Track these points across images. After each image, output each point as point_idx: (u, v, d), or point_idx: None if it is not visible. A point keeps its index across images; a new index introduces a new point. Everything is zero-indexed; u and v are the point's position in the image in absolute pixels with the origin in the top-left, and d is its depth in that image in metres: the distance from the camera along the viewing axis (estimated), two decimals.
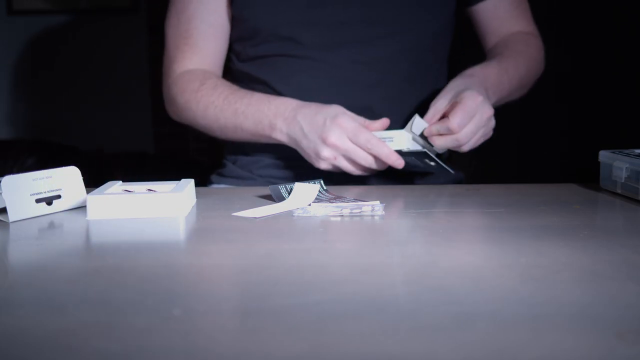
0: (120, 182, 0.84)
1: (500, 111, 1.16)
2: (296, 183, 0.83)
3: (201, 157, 2.63)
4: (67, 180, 0.80)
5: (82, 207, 0.78)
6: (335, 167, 0.96)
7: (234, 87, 1.07)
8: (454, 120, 0.91)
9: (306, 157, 0.98)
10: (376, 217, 0.74)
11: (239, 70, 1.13)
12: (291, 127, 0.97)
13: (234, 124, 1.04)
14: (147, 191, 0.78)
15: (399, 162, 0.93)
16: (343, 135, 0.92)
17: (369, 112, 1.04)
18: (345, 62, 1.05)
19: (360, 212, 0.75)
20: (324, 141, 0.93)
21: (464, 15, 1.17)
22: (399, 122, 1.04)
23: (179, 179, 0.85)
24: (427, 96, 1.10)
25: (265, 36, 1.06)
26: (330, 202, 0.80)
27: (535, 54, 1.13)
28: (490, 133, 0.97)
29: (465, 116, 0.91)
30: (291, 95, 1.05)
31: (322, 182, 0.85)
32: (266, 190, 0.87)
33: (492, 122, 0.96)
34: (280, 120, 0.98)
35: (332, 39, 1.04)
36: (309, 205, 0.79)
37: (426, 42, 1.08)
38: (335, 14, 1.03)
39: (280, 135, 0.99)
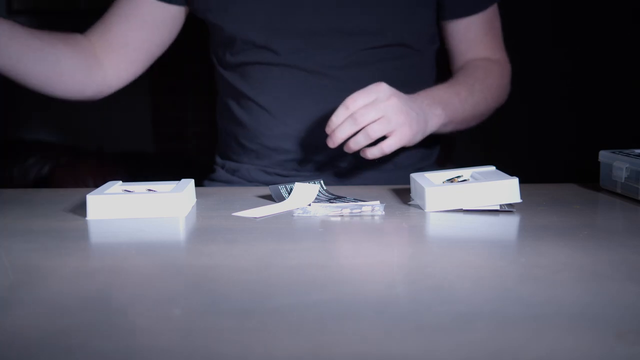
0: (120, 182, 0.84)
1: (502, 111, 1.16)
2: (296, 183, 0.83)
3: (201, 157, 2.63)
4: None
5: (82, 207, 0.78)
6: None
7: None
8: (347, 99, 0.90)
9: None
10: (376, 217, 0.74)
11: (221, 75, 1.12)
12: None
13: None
14: (147, 191, 0.78)
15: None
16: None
17: None
18: (319, 67, 1.04)
19: (360, 212, 0.75)
20: None
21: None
22: None
23: (179, 179, 0.85)
24: None
25: (240, 44, 1.06)
26: (330, 202, 0.80)
27: (496, 81, 1.11)
28: (395, 117, 0.90)
29: (357, 95, 0.89)
30: (268, 102, 1.05)
31: (322, 182, 0.85)
32: (266, 190, 0.87)
33: (392, 101, 0.90)
34: None
35: (305, 45, 1.03)
36: (309, 205, 0.79)
37: (402, 48, 1.06)
38: (307, 22, 1.02)
39: None
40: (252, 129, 1.08)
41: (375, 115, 0.88)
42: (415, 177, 0.83)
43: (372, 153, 0.91)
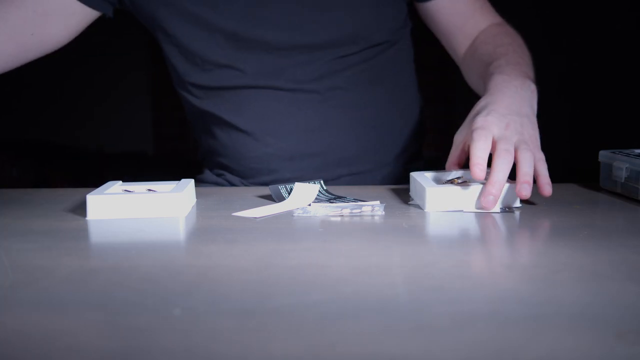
0: (120, 182, 0.84)
1: None
2: (296, 183, 0.83)
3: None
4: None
5: (82, 207, 0.78)
6: None
7: None
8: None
9: None
10: (376, 217, 0.74)
11: (190, 102, 1.07)
12: None
13: None
14: (147, 191, 0.78)
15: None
16: None
17: (329, 126, 1.02)
18: (291, 83, 1.00)
19: (360, 212, 0.75)
20: None
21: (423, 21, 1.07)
22: (363, 128, 1.03)
23: (179, 179, 0.85)
24: (392, 96, 1.07)
25: (202, 64, 1.01)
26: (330, 202, 0.80)
27: (523, 43, 1.00)
28: (530, 136, 0.79)
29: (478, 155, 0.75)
30: (247, 124, 1.01)
31: (322, 182, 0.85)
32: (266, 190, 0.87)
33: (525, 126, 0.79)
34: None
35: (272, 63, 0.99)
36: (309, 205, 0.79)
37: (374, 48, 1.02)
38: (271, 39, 0.98)
39: None
40: (234, 150, 1.05)
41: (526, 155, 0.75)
42: (416, 176, 0.82)
43: (547, 189, 0.77)
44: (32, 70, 2.87)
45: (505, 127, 0.78)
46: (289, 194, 0.82)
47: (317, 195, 0.82)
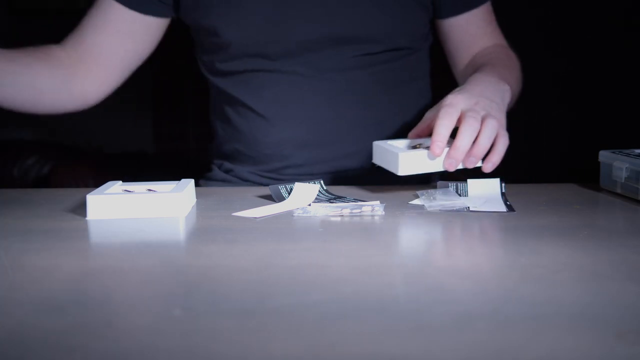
0: (120, 182, 0.84)
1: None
2: (296, 183, 0.83)
3: (201, 157, 2.63)
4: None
5: (82, 207, 0.78)
6: None
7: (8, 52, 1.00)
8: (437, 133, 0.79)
9: None
10: (376, 217, 0.74)
11: (213, 83, 1.11)
12: None
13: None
14: (147, 191, 0.78)
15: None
16: None
17: (342, 119, 1.04)
18: (315, 72, 1.03)
19: (360, 212, 0.75)
20: None
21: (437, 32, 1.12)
22: (374, 127, 1.05)
23: (179, 179, 0.85)
24: (405, 102, 1.09)
25: (232, 52, 1.04)
26: (330, 202, 0.80)
27: (517, 64, 1.08)
28: (497, 109, 0.83)
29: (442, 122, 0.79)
30: (265, 108, 1.04)
31: (322, 182, 0.85)
32: (266, 190, 0.87)
33: (490, 101, 0.83)
34: None
35: (299, 52, 1.02)
36: (309, 205, 0.79)
37: (397, 51, 1.05)
38: (302, 30, 1.01)
39: None
40: (249, 135, 1.08)
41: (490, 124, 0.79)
42: (380, 144, 0.87)
43: (488, 167, 0.81)
44: None
45: (474, 104, 0.82)
46: (289, 194, 0.82)
47: (317, 195, 0.82)
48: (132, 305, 0.48)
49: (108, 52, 1.06)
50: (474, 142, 0.79)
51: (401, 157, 0.82)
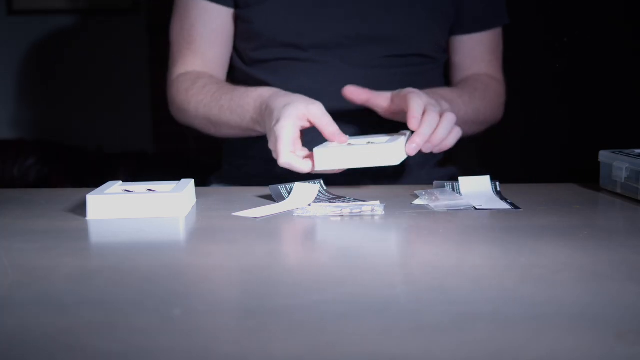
0: (120, 182, 0.84)
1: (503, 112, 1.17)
2: (296, 183, 0.83)
3: (201, 157, 2.63)
4: None
5: (82, 207, 0.78)
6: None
7: (222, 84, 1.08)
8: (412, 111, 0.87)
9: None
10: (376, 217, 0.74)
11: (241, 70, 1.14)
12: (263, 118, 0.95)
13: (222, 121, 1.04)
14: (147, 191, 0.78)
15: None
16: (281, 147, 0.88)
17: (368, 112, 1.04)
18: (338, 61, 1.07)
19: (360, 212, 0.75)
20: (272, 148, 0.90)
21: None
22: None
23: (179, 179, 0.85)
24: None
25: (265, 41, 1.08)
26: (330, 202, 0.80)
27: (493, 98, 1.15)
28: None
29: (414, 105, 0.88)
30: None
31: (322, 182, 0.85)
32: (266, 190, 0.87)
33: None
34: (257, 113, 0.97)
35: (331, 42, 1.06)
36: (309, 205, 0.79)
37: (419, 57, 1.10)
38: (335, 25, 1.06)
39: (260, 127, 0.98)
40: None
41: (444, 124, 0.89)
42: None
43: (427, 147, 0.89)
44: (32, 70, 2.88)
45: (433, 100, 0.91)
46: (289, 194, 0.82)
47: (317, 195, 0.82)
48: (132, 305, 0.48)
49: (226, 56, 1.14)
50: (433, 132, 0.88)
51: (317, 152, 0.85)
